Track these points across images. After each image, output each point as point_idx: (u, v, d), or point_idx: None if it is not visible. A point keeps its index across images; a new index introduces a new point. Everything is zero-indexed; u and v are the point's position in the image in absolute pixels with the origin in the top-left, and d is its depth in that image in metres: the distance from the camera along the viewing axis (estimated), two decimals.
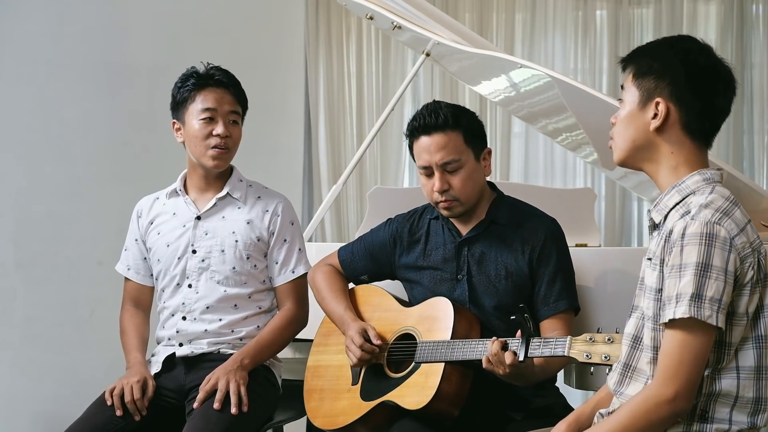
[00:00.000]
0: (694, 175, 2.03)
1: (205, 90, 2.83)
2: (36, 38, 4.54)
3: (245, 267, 2.86)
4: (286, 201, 2.95)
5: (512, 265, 2.71)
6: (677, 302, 1.91)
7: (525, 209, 2.81)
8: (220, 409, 2.65)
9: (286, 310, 2.89)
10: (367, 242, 2.95)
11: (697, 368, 1.92)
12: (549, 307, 2.69)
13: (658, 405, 1.93)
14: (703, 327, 1.90)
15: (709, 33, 5.26)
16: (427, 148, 2.70)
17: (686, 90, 2.02)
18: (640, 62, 2.06)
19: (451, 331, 2.62)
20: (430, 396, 2.55)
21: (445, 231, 2.81)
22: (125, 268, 2.98)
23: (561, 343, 2.37)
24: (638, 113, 2.05)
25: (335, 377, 2.82)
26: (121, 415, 2.70)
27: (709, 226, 1.91)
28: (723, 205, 1.96)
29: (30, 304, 4.54)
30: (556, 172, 5.31)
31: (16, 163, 4.52)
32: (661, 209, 2.05)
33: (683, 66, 2.02)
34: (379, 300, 2.87)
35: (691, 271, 1.90)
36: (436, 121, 2.69)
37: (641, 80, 2.05)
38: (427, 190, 2.74)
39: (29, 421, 4.54)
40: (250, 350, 2.80)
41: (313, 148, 5.34)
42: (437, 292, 2.74)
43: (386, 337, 2.76)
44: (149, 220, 2.95)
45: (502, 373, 2.46)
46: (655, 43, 2.09)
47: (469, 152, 2.71)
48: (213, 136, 2.81)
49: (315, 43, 5.30)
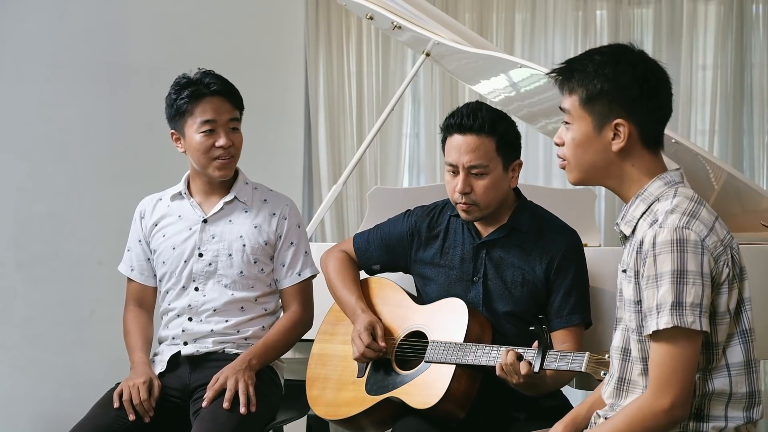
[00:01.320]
0: (655, 181, 2.02)
1: (202, 101, 2.80)
2: (36, 38, 4.54)
3: (252, 271, 2.85)
4: (292, 204, 2.95)
5: (529, 273, 2.71)
6: (658, 313, 1.90)
7: (547, 218, 2.80)
8: (229, 409, 2.65)
9: (292, 312, 2.89)
10: (384, 232, 2.92)
11: (689, 375, 1.92)
12: (562, 320, 2.68)
13: (655, 415, 1.93)
14: (688, 333, 1.90)
15: (709, 33, 5.27)
16: (458, 147, 2.68)
17: (641, 104, 2.00)
18: (585, 86, 2.01)
19: (464, 333, 2.61)
20: (438, 397, 2.55)
21: (464, 231, 2.79)
22: (128, 269, 2.98)
23: (579, 359, 2.37)
24: (595, 137, 2.02)
25: (340, 367, 2.81)
26: (134, 419, 2.69)
27: (678, 232, 1.91)
28: (689, 207, 1.95)
29: (30, 304, 4.54)
30: (556, 172, 5.31)
31: (16, 162, 4.51)
32: (628, 221, 2.04)
33: (636, 82, 1.99)
34: (392, 294, 2.86)
35: (667, 280, 1.89)
36: (473, 123, 2.67)
37: (592, 104, 2.01)
38: (449, 187, 2.73)
39: (29, 421, 4.53)
40: (258, 351, 2.79)
41: (313, 148, 5.34)
42: (451, 292, 2.74)
43: (396, 332, 2.75)
44: (153, 221, 2.94)
45: (515, 383, 2.46)
46: (592, 61, 2.02)
47: (499, 161, 2.69)
48: (216, 147, 2.80)
49: (315, 43, 5.30)
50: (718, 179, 3.43)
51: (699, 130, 5.27)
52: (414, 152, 5.47)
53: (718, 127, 5.22)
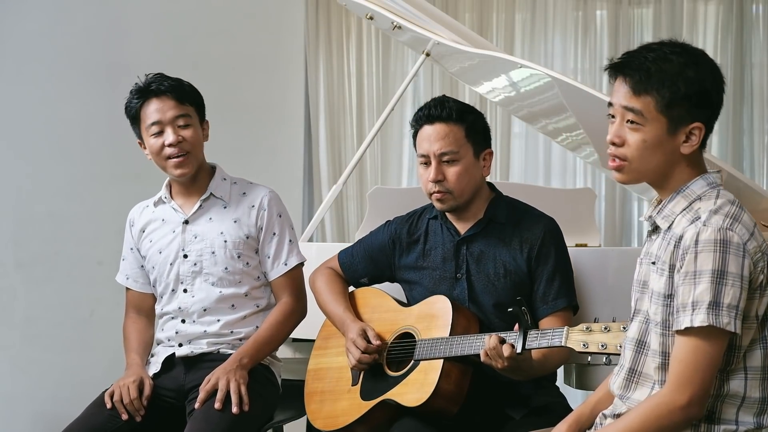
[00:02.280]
0: (698, 180, 2.02)
1: (146, 104, 2.82)
2: (36, 38, 4.54)
3: (237, 266, 2.85)
4: (271, 193, 2.92)
5: (511, 264, 2.72)
6: (693, 310, 1.90)
7: (523, 208, 2.81)
8: (221, 409, 2.65)
9: (283, 303, 2.88)
10: (367, 245, 2.95)
11: (711, 374, 1.92)
12: (548, 306, 2.69)
13: (671, 411, 1.92)
14: (720, 334, 1.90)
15: (709, 33, 5.26)
16: (428, 137, 2.74)
17: (716, 109, 2.00)
18: (668, 88, 1.95)
19: (449, 328, 2.62)
20: (429, 392, 2.56)
21: (443, 230, 2.81)
22: (124, 278, 2.99)
23: (558, 334, 2.38)
24: (667, 140, 1.99)
25: (335, 379, 2.82)
26: (127, 419, 2.70)
27: (722, 233, 1.91)
28: (732, 211, 1.95)
29: (30, 304, 4.54)
30: (556, 172, 5.31)
31: (16, 162, 4.52)
32: (666, 215, 2.02)
33: (714, 87, 1.98)
34: (379, 301, 2.87)
35: (707, 279, 1.89)
36: (441, 113, 2.72)
37: (671, 108, 1.96)
38: (423, 180, 2.76)
39: (29, 421, 4.54)
40: (249, 349, 2.79)
41: (313, 148, 5.34)
42: (437, 292, 2.74)
43: (385, 336, 2.76)
44: (140, 228, 2.95)
45: (500, 367, 2.45)
46: (670, 61, 1.97)
47: (469, 147, 2.73)
48: (166, 147, 2.80)
49: (315, 43, 5.30)
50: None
51: None
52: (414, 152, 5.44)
53: (718, 127, 5.20)
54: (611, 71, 2.03)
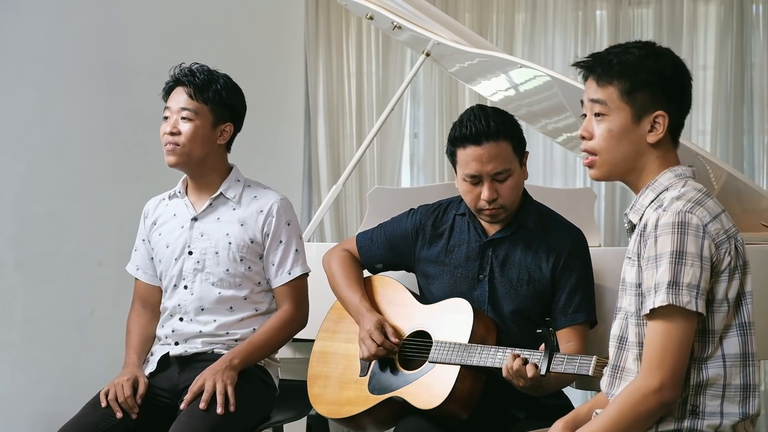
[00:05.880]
0: (666, 173, 2.05)
1: (174, 89, 2.86)
2: (36, 38, 4.54)
3: (239, 269, 2.84)
4: (283, 201, 2.91)
5: (535, 271, 2.71)
6: (656, 292, 1.93)
7: (553, 216, 2.81)
8: (206, 409, 2.64)
9: (283, 311, 2.87)
10: (388, 231, 2.91)
11: (681, 356, 1.93)
12: (567, 318, 2.69)
13: (644, 396, 1.94)
14: (684, 314, 1.92)
15: (709, 33, 5.26)
16: (478, 157, 2.66)
17: (679, 98, 2.05)
18: (628, 76, 2.03)
19: (469, 334, 2.61)
20: (443, 398, 2.55)
21: (470, 229, 2.79)
22: (134, 268, 2.99)
23: (586, 363, 2.37)
24: (632, 128, 2.04)
25: (342, 366, 2.81)
26: (121, 417, 2.70)
27: (681, 215, 1.94)
28: (695, 196, 1.98)
29: (30, 304, 4.54)
30: (556, 172, 5.31)
31: (16, 163, 4.51)
32: (637, 209, 2.06)
33: (676, 76, 2.05)
34: (395, 293, 2.86)
35: (666, 260, 1.92)
36: (487, 129, 2.65)
37: (633, 95, 2.03)
38: (470, 197, 2.70)
39: (29, 421, 4.53)
40: (241, 350, 2.78)
41: (313, 148, 5.34)
42: (456, 290, 2.73)
43: (399, 331, 2.75)
44: (153, 220, 2.96)
45: (521, 385, 2.46)
46: (631, 54, 2.06)
47: (516, 159, 2.71)
48: (164, 134, 2.83)
49: (315, 43, 5.30)
50: (719, 179, 3.44)
51: (699, 130, 5.27)
52: (414, 152, 5.46)
53: (719, 127, 5.21)
54: (583, 73, 2.11)
